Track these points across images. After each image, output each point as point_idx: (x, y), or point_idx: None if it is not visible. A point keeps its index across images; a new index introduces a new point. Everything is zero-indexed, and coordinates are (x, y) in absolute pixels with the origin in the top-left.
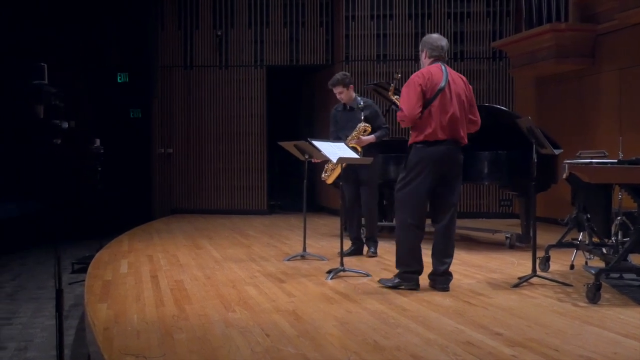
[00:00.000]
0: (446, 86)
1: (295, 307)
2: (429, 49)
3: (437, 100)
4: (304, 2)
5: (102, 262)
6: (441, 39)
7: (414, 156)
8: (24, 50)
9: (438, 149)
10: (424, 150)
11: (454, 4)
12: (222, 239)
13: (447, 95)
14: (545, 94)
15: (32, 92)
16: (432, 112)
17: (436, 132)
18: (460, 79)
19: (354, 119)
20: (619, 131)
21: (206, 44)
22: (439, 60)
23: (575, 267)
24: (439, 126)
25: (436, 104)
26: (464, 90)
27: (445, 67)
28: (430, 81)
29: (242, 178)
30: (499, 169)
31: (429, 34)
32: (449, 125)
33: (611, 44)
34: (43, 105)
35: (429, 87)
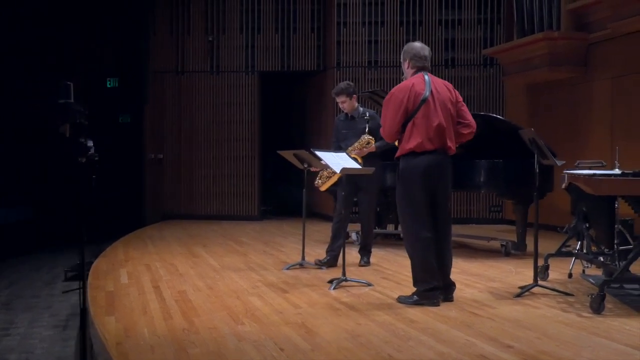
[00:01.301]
0: (429, 96)
1: (303, 319)
2: (412, 59)
3: (421, 111)
4: (295, 9)
5: (100, 271)
6: (424, 48)
7: (404, 168)
8: (11, 52)
9: (427, 158)
10: (412, 160)
11: (445, 11)
12: (217, 246)
13: (431, 106)
14: (537, 101)
15: (59, 110)
16: (417, 123)
17: (423, 143)
18: (445, 87)
19: (356, 129)
20: (611, 139)
21: (198, 50)
22: (422, 70)
23: (573, 275)
24: (425, 137)
25: (420, 116)
26: (449, 98)
27: (428, 76)
28: (412, 93)
29: (232, 184)
30: (496, 177)
31: (411, 43)
32: (436, 135)
33: (604, 53)
34: (69, 124)
35: (411, 100)
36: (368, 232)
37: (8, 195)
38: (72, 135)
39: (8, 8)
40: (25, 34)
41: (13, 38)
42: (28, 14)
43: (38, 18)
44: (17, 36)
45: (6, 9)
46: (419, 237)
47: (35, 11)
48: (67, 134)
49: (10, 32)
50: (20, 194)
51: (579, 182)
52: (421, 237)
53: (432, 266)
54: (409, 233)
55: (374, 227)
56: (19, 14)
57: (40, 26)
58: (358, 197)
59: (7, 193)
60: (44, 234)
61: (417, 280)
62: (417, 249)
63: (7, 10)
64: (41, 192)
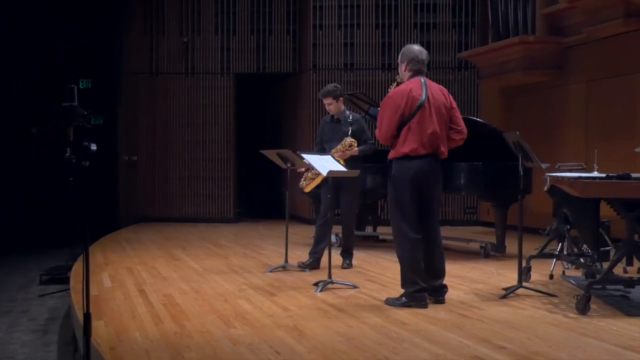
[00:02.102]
0: (426, 101)
1: (294, 322)
2: (410, 62)
3: (417, 116)
4: (271, 10)
5: (81, 275)
6: (422, 52)
7: (396, 171)
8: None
9: (419, 162)
10: (405, 164)
11: (420, 14)
12: (196, 249)
13: (427, 111)
14: (512, 104)
15: (63, 114)
16: (412, 128)
17: (418, 148)
18: (440, 92)
19: (340, 132)
20: (585, 142)
21: (172, 51)
22: (419, 73)
23: (554, 276)
24: (419, 143)
25: (415, 121)
26: (444, 104)
27: (425, 80)
28: (409, 98)
29: (208, 186)
30: (476, 180)
31: (410, 45)
32: (430, 141)
33: (578, 57)
34: (73, 127)
35: (409, 105)
36: (349, 234)
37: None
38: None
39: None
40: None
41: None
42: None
43: (13, 19)
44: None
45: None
46: (409, 239)
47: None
48: (71, 138)
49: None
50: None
51: (563, 184)
52: (410, 239)
53: (420, 267)
54: (400, 236)
55: (354, 231)
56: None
57: (15, 28)
58: (340, 199)
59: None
60: (15, 237)
61: (405, 282)
62: (406, 250)
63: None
64: (13, 194)
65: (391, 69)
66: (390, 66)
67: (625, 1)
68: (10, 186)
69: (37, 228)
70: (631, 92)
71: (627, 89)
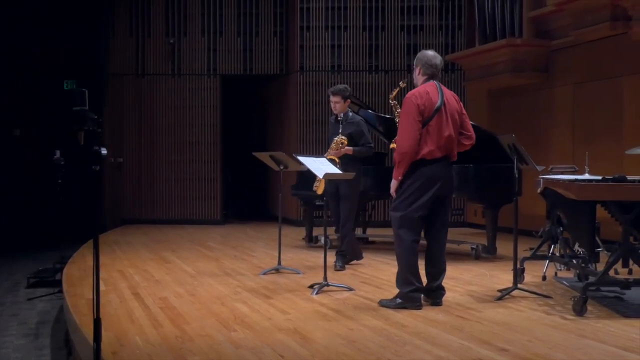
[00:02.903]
0: (442, 106)
1: (294, 325)
2: (423, 66)
3: (435, 120)
4: (258, 12)
5: (73, 278)
6: (436, 57)
7: (412, 174)
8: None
9: (436, 166)
10: (421, 167)
11: (407, 16)
12: (185, 251)
13: (444, 116)
14: (499, 106)
15: (74, 118)
16: (430, 131)
17: (434, 151)
18: (453, 97)
19: (341, 132)
20: (573, 144)
21: (158, 52)
22: (432, 77)
23: (547, 278)
24: (436, 146)
25: (433, 124)
26: (456, 109)
27: (440, 85)
28: (427, 100)
29: (194, 188)
30: (467, 182)
31: (424, 51)
32: (445, 145)
33: (565, 60)
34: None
35: (427, 106)
36: (344, 236)
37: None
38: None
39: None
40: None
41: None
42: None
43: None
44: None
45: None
46: (409, 240)
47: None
48: (82, 142)
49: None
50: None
51: (558, 187)
52: (411, 240)
53: (414, 269)
54: (400, 235)
55: (351, 234)
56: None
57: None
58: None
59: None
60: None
61: (401, 282)
62: (405, 250)
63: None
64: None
65: (378, 71)
66: (378, 68)
67: (612, 5)
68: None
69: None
70: (618, 94)
71: (613, 92)
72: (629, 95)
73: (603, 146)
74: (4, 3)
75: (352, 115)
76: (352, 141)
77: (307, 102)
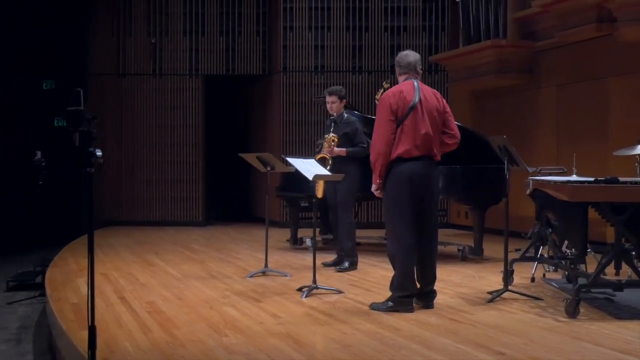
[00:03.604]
0: (418, 103)
1: (286, 329)
2: (398, 66)
3: (409, 118)
4: (240, 12)
5: (57, 282)
6: (408, 55)
7: (392, 175)
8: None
9: (413, 164)
10: (399, 166)
11: (390, 17)
12: (169, 253)
13: (419, 113)
14: (483, 107)
15: (69, 118)
16: (405, 130)
17: (411, 150)
18: (433, 95)
19: (337, 132)
20: (557, 145)
21: (140, 52)
22: (411, 76)
23: (535, 279)
24: (412, 145)
25: (408, 123)
26: (436, 107)
27: (417, 83)
28: (401, 99)
29: (176, 189)
30: (454, 183)
31: (401, 51)
32: (423, 143)
33: (550, 61)
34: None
35: (400, 105)
36: (341, 235)
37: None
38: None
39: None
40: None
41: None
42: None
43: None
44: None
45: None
46: (404, 244)
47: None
48: (77, 143)
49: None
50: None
51: (549, 188)
52: (405, 244)
53: (411, 273)
54: (394, 238)
55: (349, 235)
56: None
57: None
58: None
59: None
60: None
61: (394, 286)
62: (400, 254)
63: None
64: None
65: (362, 71)
66: (361, 69)
67: (598, 6)
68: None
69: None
70: (602, 96)
71: (598, 93)
72: (614, 96)
73: (588, 147)
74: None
75: (348, 116)
76: (348, 141)
77: (290, 102)
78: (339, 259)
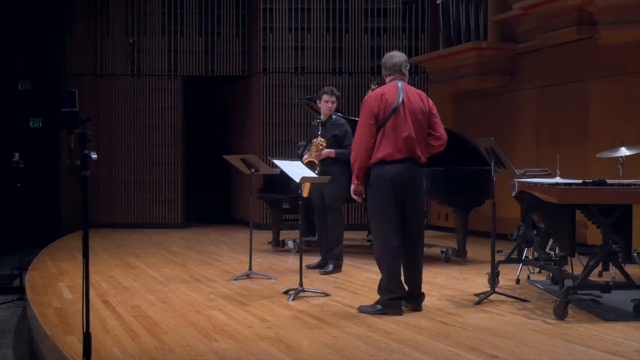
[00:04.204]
0: (400, 105)
1: (276, 333)
2: (384, 67)
3: (391, 121)
4: (220, 12)
5: (37, 286)
6: (393, 56)
7: (374, 177)
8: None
9: (396, 167)
10: (381, 169)
11: (371, 19)
12: (150, 256)
13: (402, 115)
14: (463, 109)
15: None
16: (386, 132)
17: (393, 153)
18: (418, 96)
19: (326, 134)
20: (538, 147)
21: (117, 52)
22: (397, 78)
23: (520, 281)
24: (394, 147)
25: (390, 125)
26: (420, 108)
27: (402, 84)
28: (382, 102)
29: (154, 191)
30: (438, 185)
31: (386, 53)
32: (405, 146)
33: (530, 63)
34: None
35: (382, 108)
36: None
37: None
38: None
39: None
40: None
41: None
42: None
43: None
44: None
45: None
46: (389, 246)
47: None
48: (72, 145)
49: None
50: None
51: (536, 190)
52: (391, 247)
53: (398, 276)
54: (380, 241)
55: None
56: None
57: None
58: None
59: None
60: None
61: (382, 289)
62: (386, 257)
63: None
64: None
65: (342, 73)
66: (341, 70)
67: (579, 9)
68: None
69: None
70: (583, 98)
71: (578, 95)
72: (595, 98)
73: (568, 149)
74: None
75: (337, 117)
76: (337, 143)
77: (270, 103)
78: (323, 262)
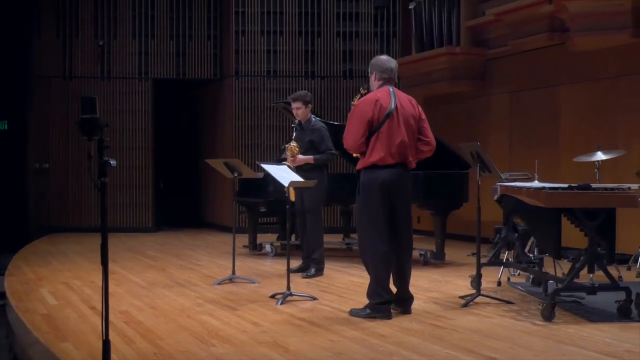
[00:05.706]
0: (394, 111)
1: (272, 337)
2: (378, 71)
3: (385, 125)
4: (191, 15)
5: (18, 292)
6: (390, 60)
7: (365, 180)
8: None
9: (388, 171)
10: (373, 173)
11: (343, 23)
12: (126, 260)
13: (395, 120)
14: (435, 113)
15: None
16: (380, 137)
17: (385, 157)
18: (409, 102)
19: (303, 139)
20: (510, 150)
21: (87, 54)
22: (388, 83)
23: (501, 283)
24: (388, 152)
25: (384, 130)
26: (412, 114)
27: (393, 90)
28: (377, 106)
29: (125, 194)
30: (416, 188)
31: (378, 56)
32: (398, 151)
33: (501, 68)
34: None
35: (376, 113)
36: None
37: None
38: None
39: None
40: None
41: None
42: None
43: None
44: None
45: None
46: (378, 251)
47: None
48: (92, 153)
49: None
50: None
51: (521, 194)
52: (379, 251)
53: (386, 280)
54: (368, 246)
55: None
56: None
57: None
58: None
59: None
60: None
61: (370, 293)
62: (375, 262)
63: None
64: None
65: (314, 76)
66: (314, 74)
67: (550, 16)
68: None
69: None
70: (554, 103)
71: (550, 100)
72: (566, 103)
73: (540, 153)
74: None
75: (315, 121)
76: (314, 148)
77: (242, 107)
78: (305, 265)
